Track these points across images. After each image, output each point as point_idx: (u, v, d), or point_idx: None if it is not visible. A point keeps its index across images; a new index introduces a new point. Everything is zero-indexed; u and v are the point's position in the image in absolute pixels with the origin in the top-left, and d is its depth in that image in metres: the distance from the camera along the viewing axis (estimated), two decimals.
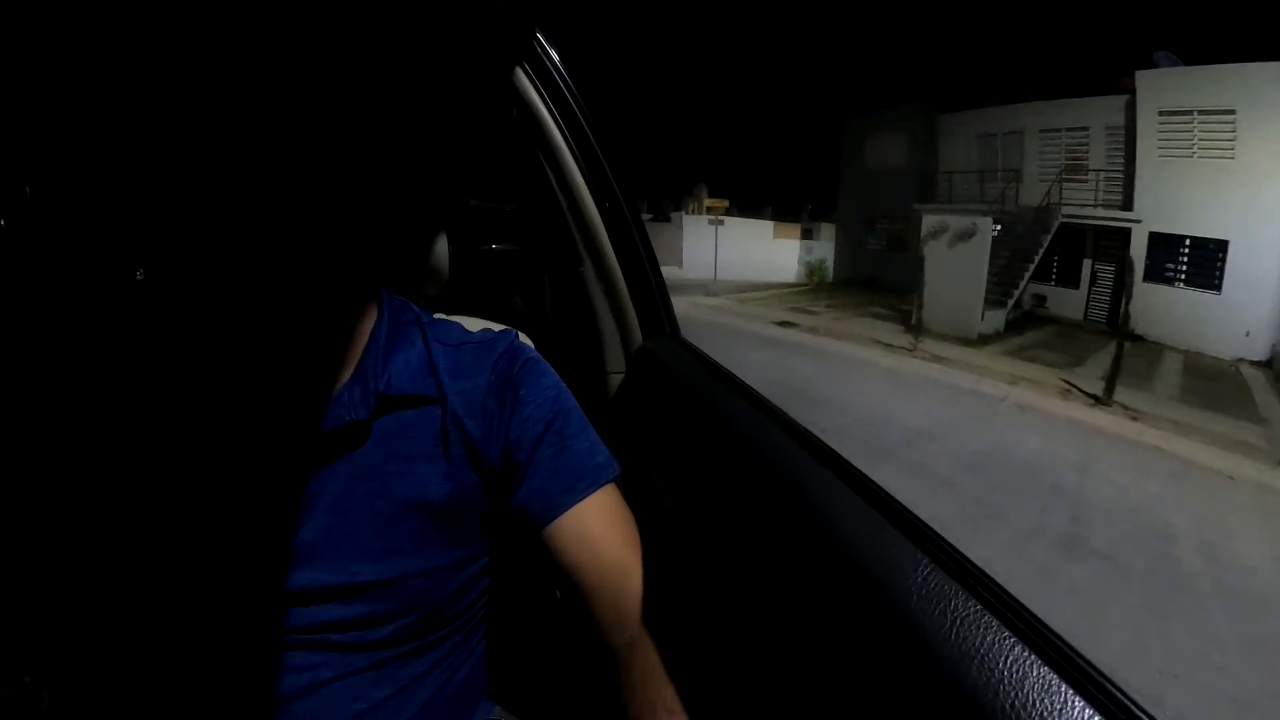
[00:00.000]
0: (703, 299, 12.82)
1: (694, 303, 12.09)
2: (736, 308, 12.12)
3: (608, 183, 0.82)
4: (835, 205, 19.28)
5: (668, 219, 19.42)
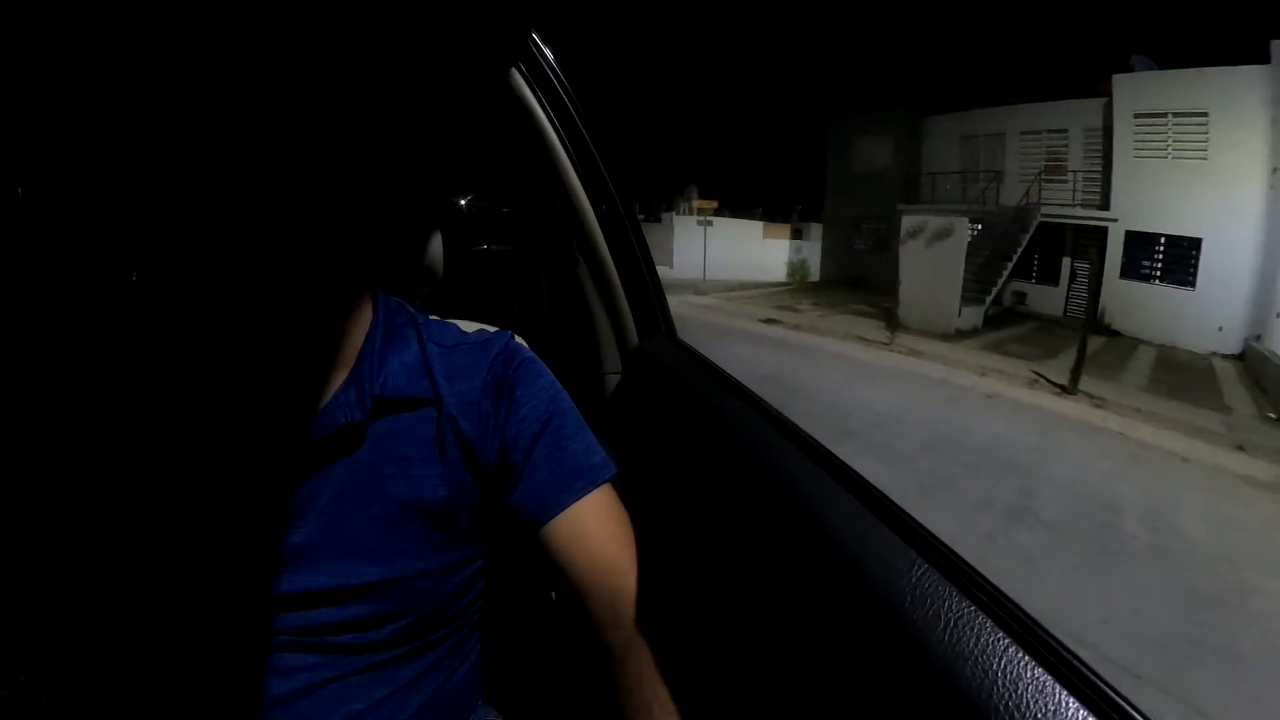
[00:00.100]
0: (692, 297, 13.05)
1: (683, 301, 12.27)
2: (724, 306, 12.30)
3: (604, 183, 0.82)
4: (824, 206, 19.41)
5: (658, 219, 19.47)
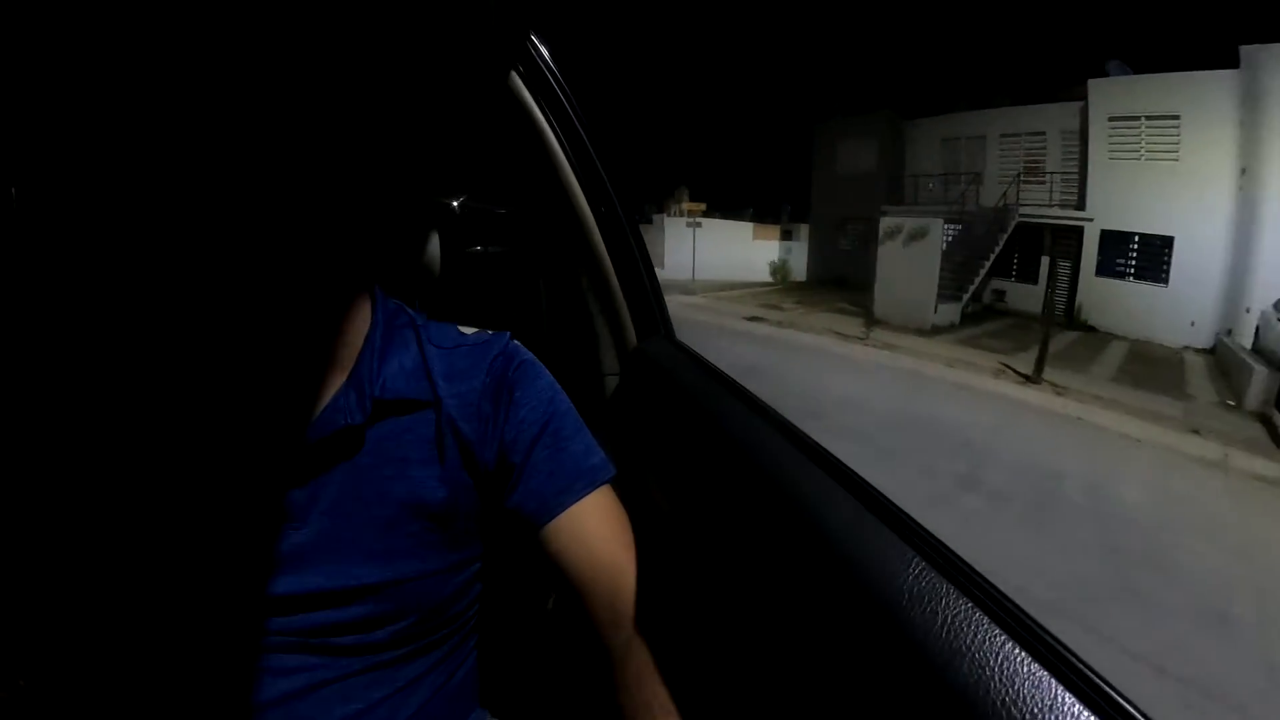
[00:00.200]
0: (681, 297, 13.32)
1: (672, 300, 12.14)
2: (712, 305, 12.56)
3: (603, 185, 0.82)
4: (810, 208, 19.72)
5: (649, 221, 19.62)
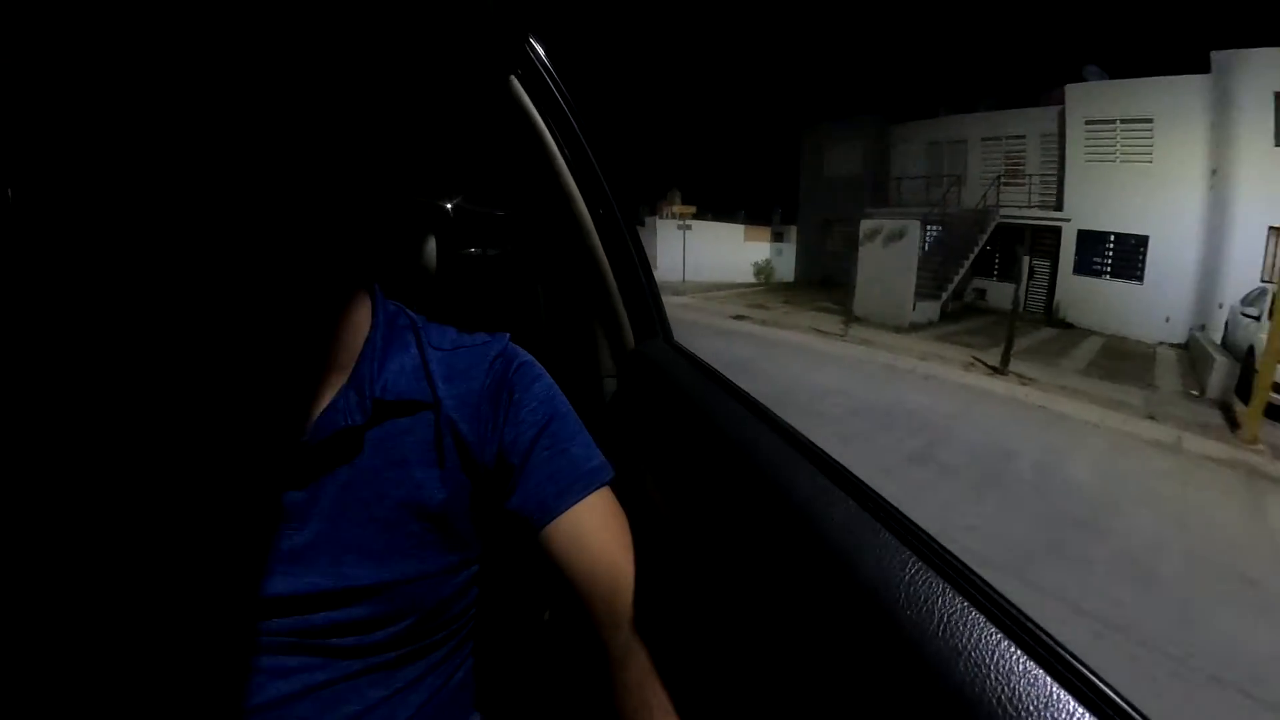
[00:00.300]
0: (671, 297, 13.59)
1: (663, 300, 12.89)
2: (700, 304, 12.85)
3: (600, 187, 0.82)
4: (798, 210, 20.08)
5: (641, 223, 19.97)
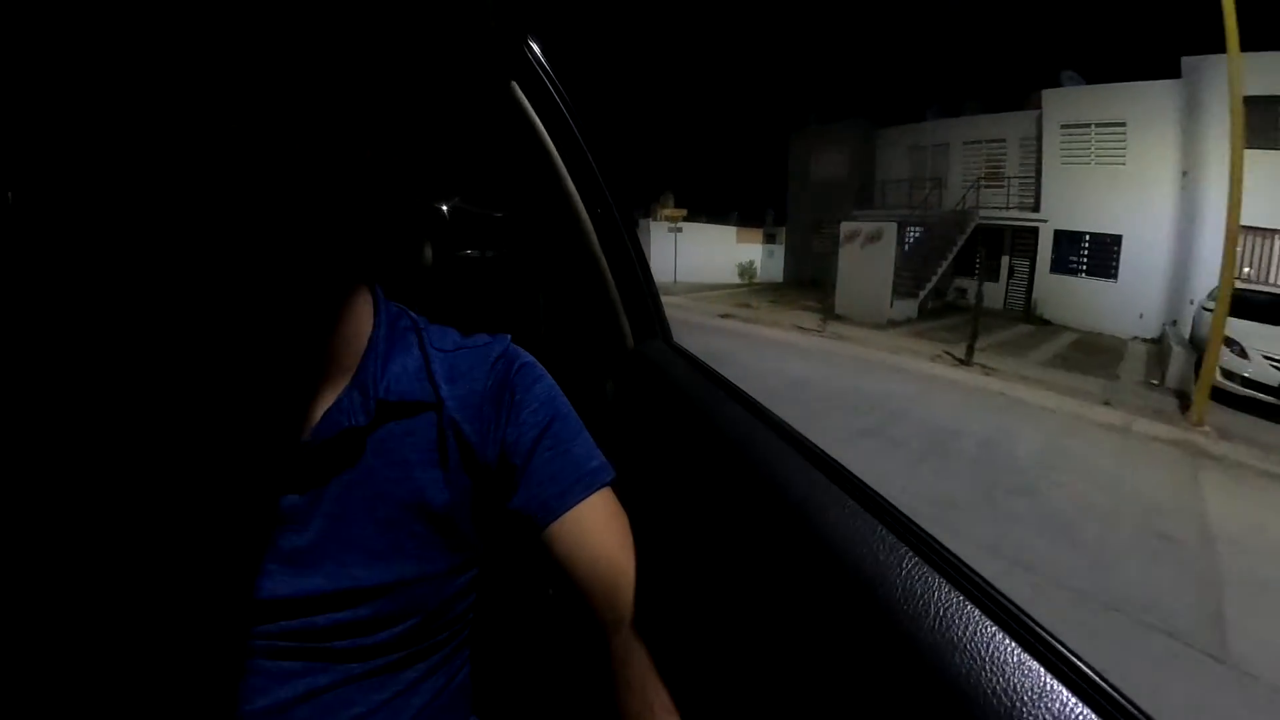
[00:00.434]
0: (662, 297, 14.20)
1: None
2: (689, 304, 13.28)
3: (599, 189, 0.81)
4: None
5: (635, 225, 20.47)
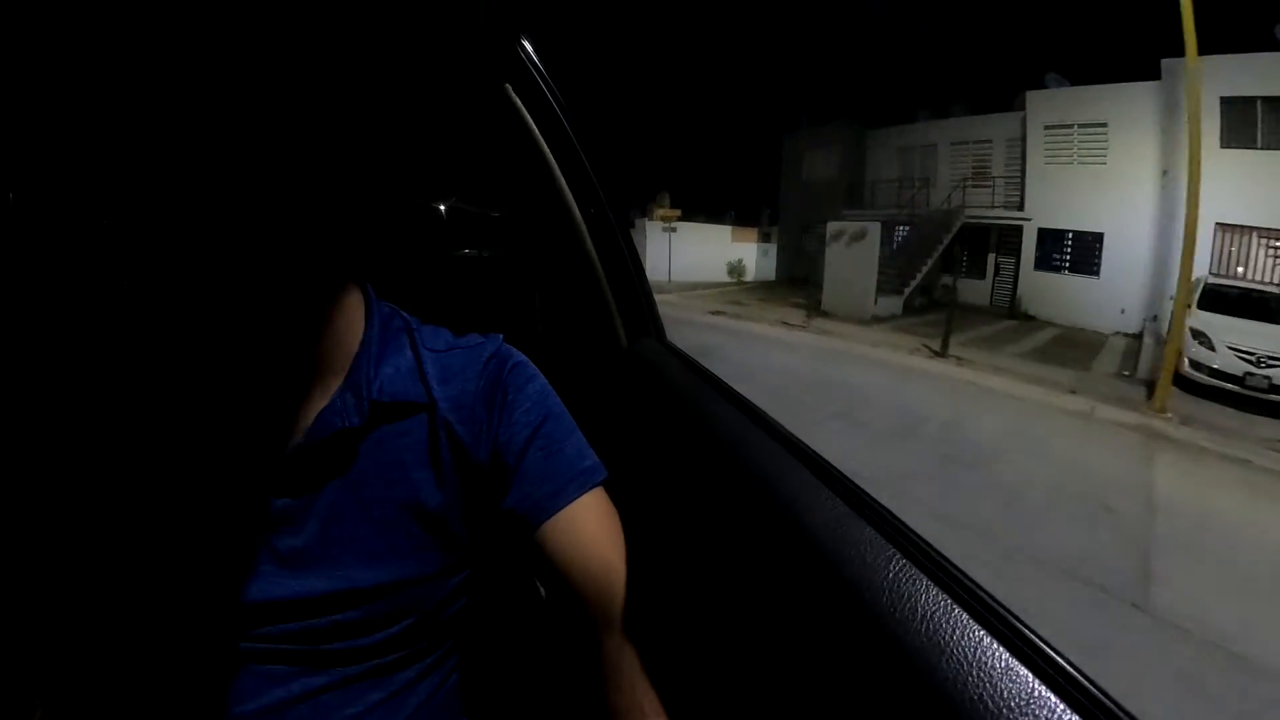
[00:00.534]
0: (656, 296, 14.60)
1: None
2: (682, 301, 13.66)
3: (592, 188, 0.82)
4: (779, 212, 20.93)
5: (631, 225, 20.86)
